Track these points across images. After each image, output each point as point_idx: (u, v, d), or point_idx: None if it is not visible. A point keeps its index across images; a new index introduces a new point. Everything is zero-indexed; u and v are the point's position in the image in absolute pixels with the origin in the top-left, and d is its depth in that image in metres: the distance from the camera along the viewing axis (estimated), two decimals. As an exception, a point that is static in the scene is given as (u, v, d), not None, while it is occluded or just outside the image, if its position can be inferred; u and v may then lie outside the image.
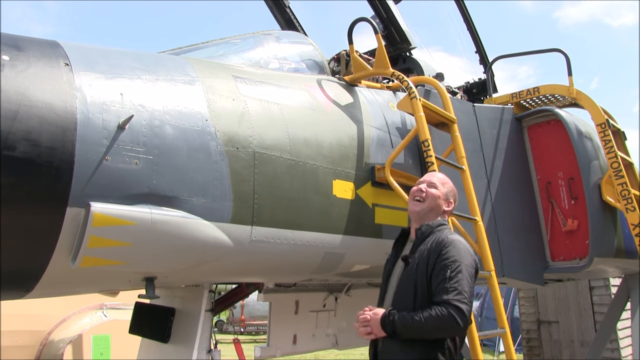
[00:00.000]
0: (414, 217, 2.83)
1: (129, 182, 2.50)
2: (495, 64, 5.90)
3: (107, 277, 2.85)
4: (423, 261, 2.60)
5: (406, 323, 2.46)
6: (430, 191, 2.81)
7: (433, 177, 2.91)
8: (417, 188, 2.86)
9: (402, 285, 2.64)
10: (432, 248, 2.61)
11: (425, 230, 2.71)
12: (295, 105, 3.45)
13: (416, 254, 2.65)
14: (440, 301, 2.45)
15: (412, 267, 2.62)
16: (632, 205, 4.50)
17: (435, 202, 2.80)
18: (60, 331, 6.56)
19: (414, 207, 2.82)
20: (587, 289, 9.42)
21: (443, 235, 2.66)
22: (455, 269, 2.51)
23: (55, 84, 2.39)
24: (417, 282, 2.57)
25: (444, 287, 2.47)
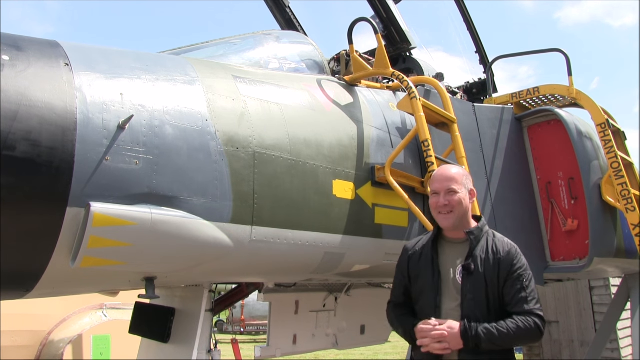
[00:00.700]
0: (448, 229, 2.68)
1: (129, 182, 2.50)
2: (496, 64, 5.91)
3: (107, 277, 2.85)
4: (492, 270, 2.55)
5: (492, 337, 2.42)
6: (453, 199, 2.63)
7: (445, 180, 2.68)
8: (438, 202, 2.65)
9: (471, 295, 2.52)
10: (501, 258, 2.57)
11: (477, 235, 2.64)
12: (295, 105, 3.45)
13: (477, 260, 2.56)
14: (523, 311, 2.50)
15: (479, 275, 2.53)
16: (632, 205, 4.50)
17: (462, 207, 2.65)
18: (60, 331, 6.57)
19: (444, 221, 2.66)
20: (587, 289, 9.42)
21: (504, 241, 2.68)
22: (529, 278, 2.59)
23: (55, 84, 2.39)
24: (489, 292, 2.53)
25: (522, 296, 2.52)
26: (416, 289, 2.70)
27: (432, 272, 2.63)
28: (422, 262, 2.70)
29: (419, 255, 2.73)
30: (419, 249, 2.76)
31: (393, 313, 2.79)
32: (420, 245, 2.78)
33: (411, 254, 2.77)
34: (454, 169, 2.78)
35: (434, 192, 2.71)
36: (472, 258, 2.58)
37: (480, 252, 2.60)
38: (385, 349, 14.36)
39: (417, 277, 2.70)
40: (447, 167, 2.82)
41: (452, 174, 2.71)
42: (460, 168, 2.85)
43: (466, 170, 2.83)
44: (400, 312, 2.76)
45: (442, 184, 2.68)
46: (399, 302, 2.80)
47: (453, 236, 2.71)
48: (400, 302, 2.80)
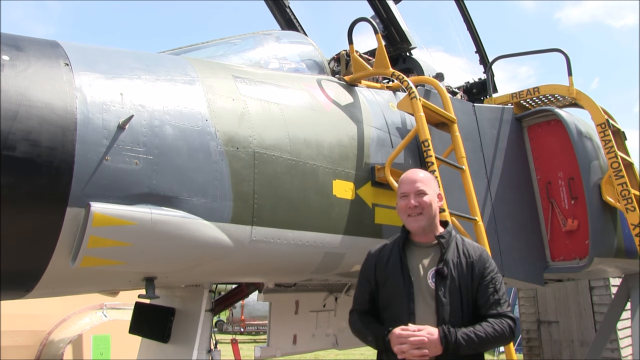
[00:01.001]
0: (418, 232, 2.65)
1: (129, 182, 2.50)
2: (496, 64, 5.91)
3: (107, 277, 2.85)
4: (465, 275, 2.54)
5: (471, 342, 2.40)
6: (423, 201, 2.61)
7: (415, 182, 2.66)
8: (408, 204, 2.62)
9: (445, 300, 2.49)
10: (474, 261, 2.58)
11: (448, 239, 2.62)
12: (295, 105, 3.45)
13: (449, 264, 2.54)
14: (496, 314, 2.51)
15: (453, 280, 2.52)
16: (632, 205, 4.50)
17: (432, 209, 2.63)
18: (60, 331, 6.57)
19: (415, 223, 2.62)
20: (587, 289, 9.42)
21: (474, 245, 2.69)
22: (500, 281, 2.61)
23: (55, 84, 2.39)
24: (463, 296, 2.52)
25: (495, 299, 2.53)
26: (384, 296, 2.63)
27: (402, 278, 2.56)
28: (390, 268, 2.62)
29: (386, 261, 2.65)
30: (385, 255, 2.68)
31: (360, 322, 2.68)
32: (386, 251, 2.70)
33: (378, 260, 2.69)
34: (422, 173, 2.75)
35: (403, 194, 2.67)
36: (444, 262, 2.55)
37: (452, 256, 2.58)
38: (385, 349, 14.31)
39: (385, 283, 2.62)
40: (415, 170, 2.78)
41: (420, 177, 2.69)
42: (427, 172, 2.83)
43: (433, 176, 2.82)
44: (368, 320, 2.67)
45: (411, 186, 2.65)
46: (364, 309, 2.71)
47: (422, 240, 2.66)
48: (366, 310, 2.71)
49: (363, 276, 2.75)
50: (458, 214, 3.64)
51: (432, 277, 2.54)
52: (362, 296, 2.73)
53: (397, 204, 2.72)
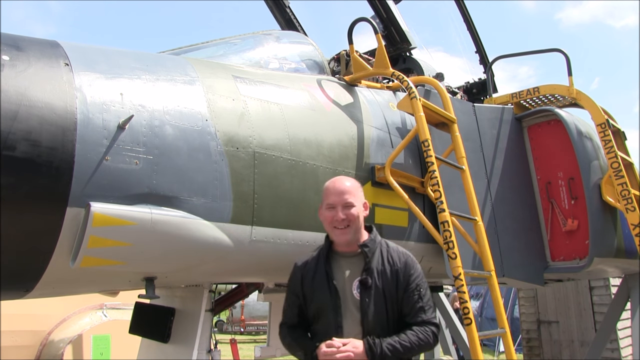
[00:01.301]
0: (344, 244, 2.59)
1: (129, 182, 2.50)
2: (496, 64, 5.90)
3: (107, 277, 2.85)
4: (390, 282, 2.51)
5: (396, 352, 2.39)
6: (351, 214, 2.55)
7: (344, 194, 2.57)
8: (335, 217, 2.54)
9: (371, 310, 2.46)
10: (398, 269, 2.54)
11: (372, 247, 2.57)
12: (295, 105, 3.45)
13: (373, 273, 2.50)
14: (421, 321, 2.51)
15: (377, 289, 2.48)
16: (632, 205, 4.50)
17: (359, 221, 2.58)
18: (60, 331, 6.57)
19: (341, 236, 2.55)
20: (587, 289, 9.41)
21: (399, 251, 2.64)
22: (425, 287, 2.59)
23: (55, 84, 2.39)
24: (388, 305, 2.49)
25: (420, 306, 2.52)
26: (313, 309, 2.56)
27: (329, 290, 2.50)
28: (317, 280, 2.55)
29: (313, 273, 2.58)
30: (311, 267, 2.61)
31: (290, 336, 2.63)
32: (312, 262, 2.63)
33: (304, 273, 2.62)
34: (348, 181, 2.67)
35: (330, 205, 2.58)
36: (368, 272, 2.50)
37: (376, 265, 2.53)
38: (385, 349, 14.31)
39: (313, 296, 2.55)
40: (341, 179, 2.69)
41: (347, 187, 2.61)
42: (353, 180, 2.73)
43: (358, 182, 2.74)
44: (298, 334, 2.62)
45: (339, 197, 2.57)
46: (294, 323, 2.66)
47: (346, 250, 2.61)
48: (295, 324, 2.65)
49: (290, 290, 2.68)
50: (458, 214, 3.64)
51: (356, 288, 2.50)
52: (290, 310, 2.67)
53: (322, 214, 2.63)
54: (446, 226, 3.36)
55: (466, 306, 3.28)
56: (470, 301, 3.68)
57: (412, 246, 3.94)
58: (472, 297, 17.84)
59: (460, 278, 3.27)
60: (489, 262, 3.69)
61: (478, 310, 16.11)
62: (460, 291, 3.31)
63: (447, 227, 3.36)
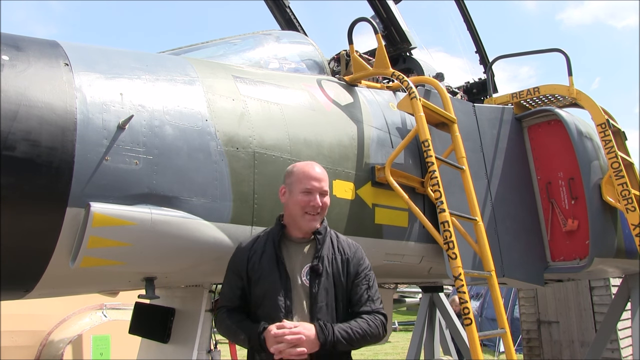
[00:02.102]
0: (310, 231, 2.56)
1: (128, 182, 2.50)
2: (496, 64, 5.90)
3: (107, 277, 2.85)
4: (340, 272, 2.51)
5: (348, 337, 2.38)
6: (325, 202, 2.58)
7: (321, 181, 2.57)
8: (311, 202, 2.52)
9: (320, 297, 2.44)
10: (349, 257, 2.56)
11: (324, 235, 2.58)
12: (295, 105, 3.45)
13: (324, 261, 2.50)
14: (370, 310, 2.53)
15: (328, 277, 2.48)
16: (632, 205, 4.49)
17: (326, 211, 2.61)
18: (60, 331, 6.56)
19: (312, 223, 2.54)
20: (587, 289, 9.42)
21: (349, 241, 2.67)
22: (373, 278, 2.63)
23: (55, 84, 2.39)
24: (338, 292, 2.49)
25: (369, 296, 2.55)
26: (258, 292, 2.49)
27: (279, 274, 2.46)
28: (265, 263, 2.50)
29: (260, 256, 2.52)
30: (259, 249, 2.55)
31: (229, 319, 2.52)
32: (259, 245, 2.57)
33: (250, 255, 2.55)
34: (320, 168, 2.65)
35: (307, 190, 2.54)
36: (319, 259, 2.50)
37: (327, 253, 2.54)
38: (385, 349, 14.37)
39: (259, 280, 2.49)
40: (316, 165, 2.66)
41: (324, 175, 2.63)
42: (322, 167, 2.70)
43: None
44: (239, 317, 2.53)
45: (319, 184, 2.57)
46: (234, 306, 2.57)
47: (298, 236, 2.60)
48: (235, 307, 2.57)
49: (233, 272, 2.60)
50: (458, 214, 3.64)
51: (306, 274, 2.49)
52: (232, 292, 2.58)
53: (295, 196, 2.56)
54: (446, 226, 3.36)
55: (466, 306, 3.28)
56: (470, 301, 3.68)
57: (412, 246, 3.94)
58: (472, 297, 17.85)
59: (460, 278, 3.27)
60: (489, 262, 3.69)
61: (478, 311, 16.12)
62: (460, 291, 3.31)
63: (447, 227, 3.36)
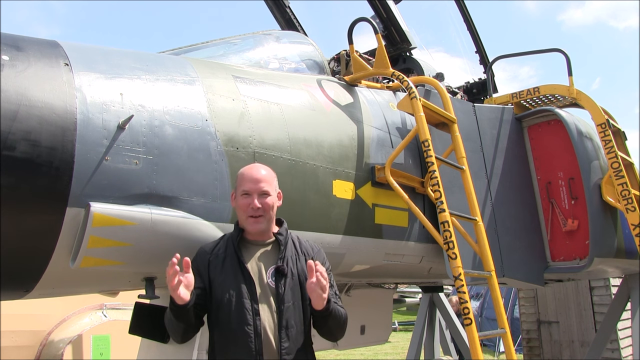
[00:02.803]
0: (256, 233, 2.60)
1: (128, 182, 2.50)
2: (497, 64, 5.90)
3: (107, 277, 2.85)
4: (305, 272, 2.52)
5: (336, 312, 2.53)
6: (266, 203, 2.56)
7: (260, 182, 2.58)
8: (251, 205, 2.54)
9: (287, 297, 2.48)
10: (313, 257, 2.59)
11: (286, 236, 2.63)
12: (295, 105, 3.44)
13: (288, 262, 2.54)
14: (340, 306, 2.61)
15: (293, 277, 2.52)
16: (632, 206, 4.49)
17: (273, 211, 2.61)
18: (60, 331, 6.56)
19: (255, 225, 2.55)
20: (587, 289, 9.41)
21: (310, 242, 2.74)
22: (332, 277, 2.69)
23: (55, 84, 2.39)
24: (304, 292, 2.51)
25: (334, 292, 2.65)
26: (220, 295, 2.48)
27: (242, 277, 2.48)
28: (227, 266, 2.51)
29: (222, 259, 2.54)
30: (220, 253, 2.57)
31: None
32: (221, 249, 2.59)
33: (211, 258, 2.56)
34: (264, 169, 2.67)
35: (245, 192, 2.57)
36: (283, 260, 2.53)
37: (290, 254, 2.58)
38: (385, 349, 14.36)
39: (222, 283, 2.49)
40: (257, 167, 2.70)
41: (263, 175, 2.62)
42: (269, 169, 2.72)
43: (273, 172, 2.74)
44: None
45: (256, 185, 2.57)
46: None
47: (257, 238, 2.62)
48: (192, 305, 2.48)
49: (194, 271, 2.52)
50: (458, 214, 3.64)
51: (271, 276, 2.51)
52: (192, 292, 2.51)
53: (237, 201, 2.61)
54: (446, 226, 3.36)
55: (466, 306, 3.28)
56: (470, 301, 3.68)
57: (412, 246, 3.94)
58: (472, 297, 17.85)
59: (460, 278, 3.27)
60: (489, 262, 3.69)
61: (478, 310, 16.12)
62: (460, 291, 3.31)
63: (447, 227, 3.36)
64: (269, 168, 2.73)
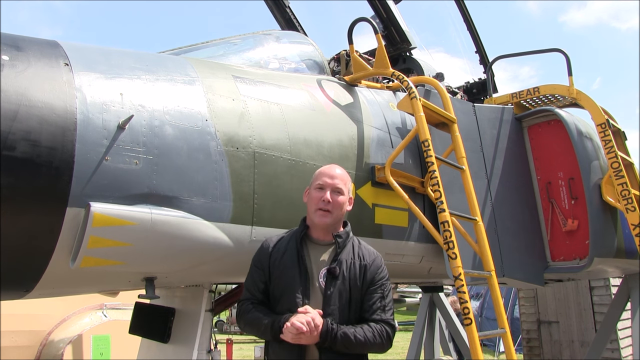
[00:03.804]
0: (321, 227, 2.62)
1: (128, 182, 2.50)
2: (497, 64, 5.90)
3: (107, 277, 2.85)
4: (357, 277, 2.55)
5: (347, 341, 2.41)
6: (337, 199, 2.61)
7: (335, 178, 2.64)
8: (323, 197, 2.59)
9: (333, 299, 2.49)
10: (367, 264, 2.59)
11: (345, 239, 2.63)
12: (295, 105, 3.45)
13: (342, 264, 2.54)
14: (379, 320, 2.55)
15: (344, 281, 2.52)
16: (632, 205, 4.49)
17: (341, 211, 2.64)
18: (60, 331, 6.56)
19: (322, 218, 2.58)
20: (587, 289, 9.42)
21: (370, 249, 2.70)
22: (389, 288, 2.65)
23: (55, 84, 2.39)
24: (352, 296, 2.53)
25: (381, 305, 2.57)
26: (278, 288, 2.55)
27: (299, 272, 2.52)
28: (287, 261, 2.56)
29: (282, 253, 2.59)
30: (282, 246, 2.62)
31: (256, 310, 2.55)
32: (283, 243, 2.63)
33: (273, 251, 2.61)
34: (340, 170, 2.73)
35: (319, 186, 2.63)
36: (337, 262, 2.54)
37: (346, 257, 2.58)
38: (385, 349, 14.33)
39: (281, 275, 2.55)
40: (335, 166, 2.76)
41: (340, 174, 2.68)
42: (345, 171, 2.78)
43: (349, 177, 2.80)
44: (266, 310, 2.55)
45: (332, 181, 2.63)
46: (258, 299, 2.60)
47: (319, 237, 2.65)
48: (259, 300, 2.60)
49: (257, 266, 2.64)
50: (458, 214, 3.64)
51: (323, 276, 2.54)
52: (255, 286, 2.62)
53: (310, 193, 2.67)
54: (446, 226, 3.36)
55: (466, 306, 3.28)
56: (470, 301, 3.68)
57: (412, 246, 3.95)
58: (472, 297, 17.85)
59: (460, 278, 3.27)
60: (489, 262, 3.69)
61: (478, 310, 16.13)
62: (460, 291, 3.31)
63: (447, 227, 3.36)
64: (345, 171, 2.78)
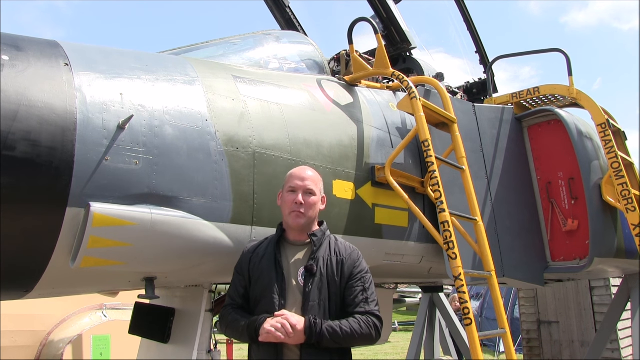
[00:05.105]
0: (296, 229, 2.71)
1: (128, 182, 2.50)
2: (498, 64, 5.91)
3: (107, 277, 2.85)
4: (334, 271, 2.61)
5: (335, 336, 2.46)
6: (309, 201, 2.69)
7: (306, 180, 2.73)
8: (295, 200, 2.68)
9: (313, 296, 2.55)
10: (344, 259, 2.66)
11: (320, 237, 2.70)
12: (295, 105, 3.45)
13: (319, 262, 2.61)
14: (364, 312, 2.58)
15: (322, 277, 2.58)
16: (633, 205, 4.49)
17: (314, 211, 2.73)
18: (60, 331, 6.56)
19: (296, 220, 2.67)
20: (587, 289, 9.41)
21: (346, 244, 2.77)
22: (369, 280, 2.70)
23: (55, 84, 2.39)
24: (331, 293, 2.58)
25: (363, 298, 2.61)
26: (257, 291, 2.64)
27: (275, 274, 2.60)
28: (264, 264, 2.65)
29: (261, 257, 2.68)
30: (261, 251, 2.71)
31: (235, 313, 2.66)
32: (262, 248, 2.74)
33: (252, 256, 2.72)
34: (311, 171, 2.82)
35: (291, 188, 2.72)
36: (314, 260, 2.61)
37: (323, 254, 2.65)
38: (385, 349, 14.37)
39: (259, 279, 2.64)
40: (305, 168, 2.86)
41: (310, 175, 2.77)
42: (316, 172, 2.86)
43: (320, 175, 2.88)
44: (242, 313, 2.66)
45: (303, 183, 2.72)
46: (238, 305, 2.71)
47: (296, 238, 2.74)
48: (239, 305, 2.71)
49: (238, 272, 2.76)
50: (458, 214, 3.64)
51: (301, 275, 2.61)
52: (236, 291, 2.73)
53: (283, 197, 2.76)
54: (446, 226, 3.36)
55: (466, 306, 3.28)
56: (470, 301, 3.68)
57: (412, 246, 3.94)
58: (473, 298, 17.85)
59: (460, 278, 3.27)
60: (489, 262, 3.69)
61: (478, 311, 16.12)
62: (460, 291, 3.31)
63: (447, 227, 3.36)
64: (315, 171, 2.86)
